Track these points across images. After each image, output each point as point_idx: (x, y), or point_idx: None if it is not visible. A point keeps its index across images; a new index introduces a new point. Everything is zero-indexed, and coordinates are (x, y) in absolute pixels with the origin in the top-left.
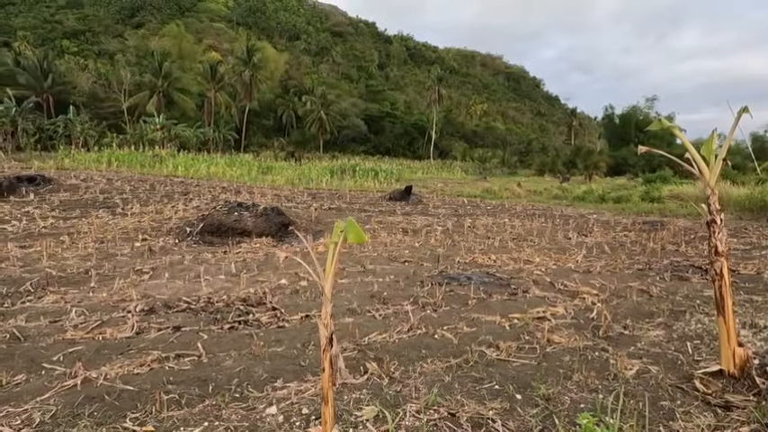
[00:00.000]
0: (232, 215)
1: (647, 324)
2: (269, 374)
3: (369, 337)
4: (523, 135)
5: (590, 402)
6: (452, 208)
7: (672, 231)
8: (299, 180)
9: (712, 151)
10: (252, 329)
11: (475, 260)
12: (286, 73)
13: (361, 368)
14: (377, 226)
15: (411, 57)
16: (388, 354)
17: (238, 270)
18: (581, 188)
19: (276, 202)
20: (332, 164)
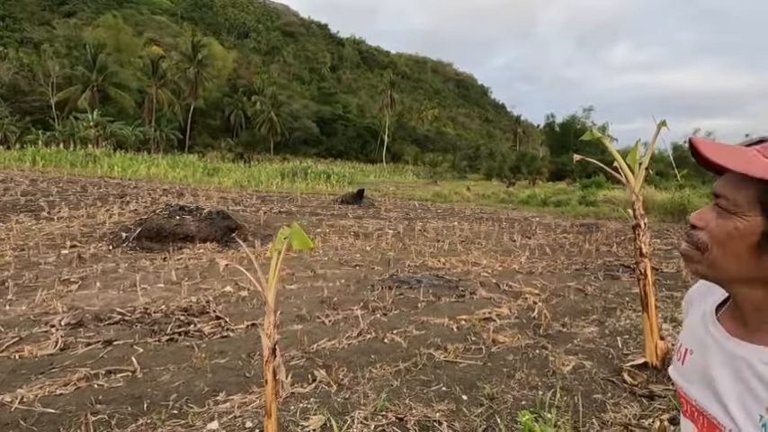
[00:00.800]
0: (173, 219)
1: (582, 321)
2: (211, 388)
3: (318, 344)
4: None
5: (530, 399)
6: (404, 211)
7: (605, 233)
8: (247, 182)
9: (636, 160)
10: (193, 341)
11: (425, 263)
12: (235, 71)
13: (309, 376)
14: (328, 230)
15: (364, 60)
16: (337, 360)
17: (179, 278)
18: (525, 192)
19: (222, 205)
20: (283, 166)
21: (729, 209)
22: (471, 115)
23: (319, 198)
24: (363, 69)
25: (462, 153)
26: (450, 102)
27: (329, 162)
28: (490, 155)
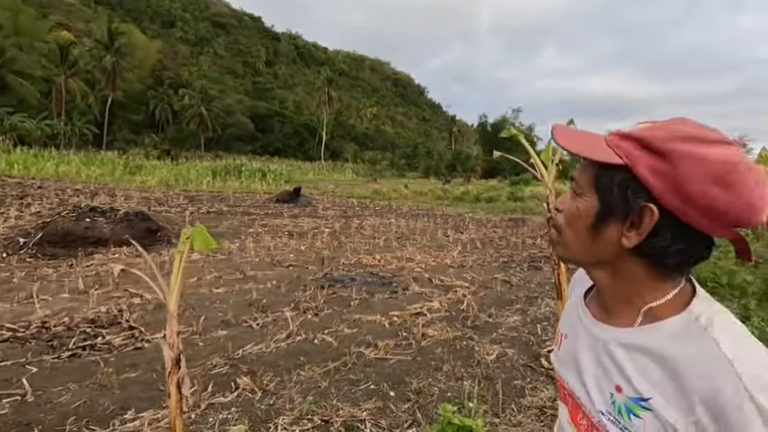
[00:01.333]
0: (83, 222)
1: (507, 311)
2: (118, 405)
3: (243, 350)
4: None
5: (456, 390)
6: (342, 209)
7: (530, 227)
8: (175, 181)
9: (549, 157)
10: (100, 355)
11: (360, 261)
12: (159, 62)
13: (231, 384)
14: (261, 229)
15: (300, 56)
16: (263, 365)
17: (87, 286)
18: (460, 189)
19: (144, 205)
20: (215, 164)
21: (576, 191)
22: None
23: (254, 197)
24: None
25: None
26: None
27: (265, 160)
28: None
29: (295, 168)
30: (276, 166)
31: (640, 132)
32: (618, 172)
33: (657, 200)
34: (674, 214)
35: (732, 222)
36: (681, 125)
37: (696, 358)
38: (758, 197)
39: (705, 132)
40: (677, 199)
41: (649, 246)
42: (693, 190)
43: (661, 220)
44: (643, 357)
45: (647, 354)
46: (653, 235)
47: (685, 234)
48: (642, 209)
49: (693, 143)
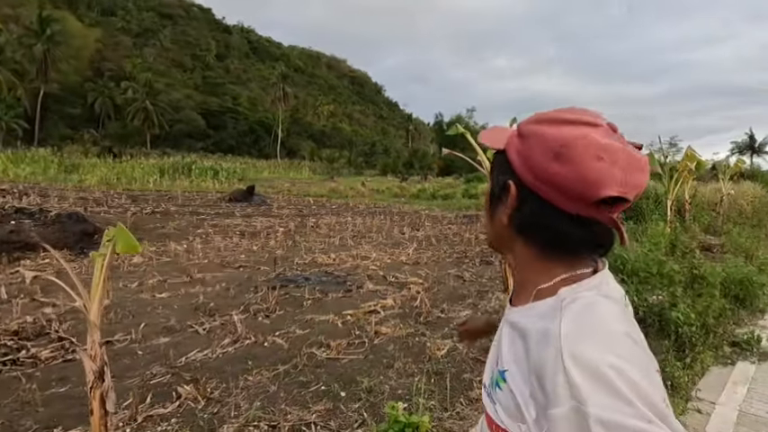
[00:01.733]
0: (6, 225)
1: (459, 306)
2: (42, 424)
3: (187, 357)
4: (368, 137)
5: (407, 387)
6: (298, 208)
7: (483, 223)
8: (117, 180)
9: None
10: (23, 370)
11: (315, 260)
12: (98, 53)
13: (173, 394)
14: (211, 230)
15: (254, 51)
16: (208, 372)
17: (11, 295)
18: (417, 187)
19: (81, 206)
20: (162, 162)
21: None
22: (366, 112)
23: (205, 196)
24: (254, 60)
25: (358, 149)
26: (346, 98)
27: (218, 157)
28: (385, 151)
29: (249, 166)
30: (229, 164)
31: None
32: (499, 156)
33: (518, 177)
34: (533, 191)
35: (578, 196)
36: (555, 111)
37: (540, 333)
38: (596, 171)
39: (560, 115)
40: (530, 175)
41: (516, 221)
42: (537, 165)
43: (523, 196)
44: (516, 335)
45: (519, 331)
46: (517, 210)
47: (546, 209)
48: (504, 184)
49: (545, 124)
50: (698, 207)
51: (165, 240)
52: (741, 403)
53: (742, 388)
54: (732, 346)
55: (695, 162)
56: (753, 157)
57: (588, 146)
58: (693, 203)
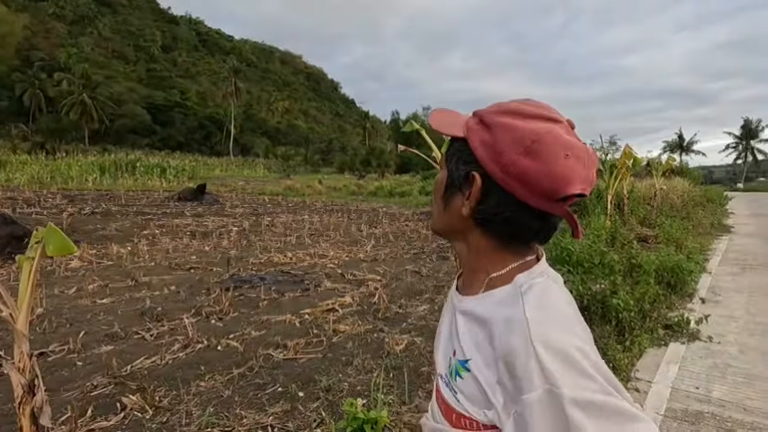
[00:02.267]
0: None
1: (417, 301)
2: None
3: (132, 365)
4: (325, 134)
5: (365, 383)
6: (252, 207)
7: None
8: (50, 179)
9: None
10: None
11: (271, 259)
12: (27, 41)
13: (117, 405)
14: (158, 231)
15: (203, 43)
16: (156, 380)
17: None
18: (374, 185)
19: (9, 207)
20: (102, 159)
21: (441, 165)
22: (323, 109)
23: (151, 195)
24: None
25: (315, 147)
26: (301, 94)
27: (165, 155)
28: (342, 149)
29: (200, 164)
30: (178, 161)
31: (482, 109)
32: (459, 144)
33: (484, 168)
34: (499, 183)
35: (545, 192)
36: (514, 102)
37: (505, 320)
38: (564, 168)
39: (528, 108)
40: (498, 168)
41: (479, 213)
42: (507, 159)
43: (488, 188)
44: (475, 323)
45: (477, 320)
46: (481, 202)
47: (510, 203)
48: (468, 175)
49: (512, 116)
50: (635, 201)
51: (106, 243)
52: (673, 381)
53: (674, 367)
54: (665, 328)
55: (632, 159)
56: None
57: (556, 142)
58: (631, 198)
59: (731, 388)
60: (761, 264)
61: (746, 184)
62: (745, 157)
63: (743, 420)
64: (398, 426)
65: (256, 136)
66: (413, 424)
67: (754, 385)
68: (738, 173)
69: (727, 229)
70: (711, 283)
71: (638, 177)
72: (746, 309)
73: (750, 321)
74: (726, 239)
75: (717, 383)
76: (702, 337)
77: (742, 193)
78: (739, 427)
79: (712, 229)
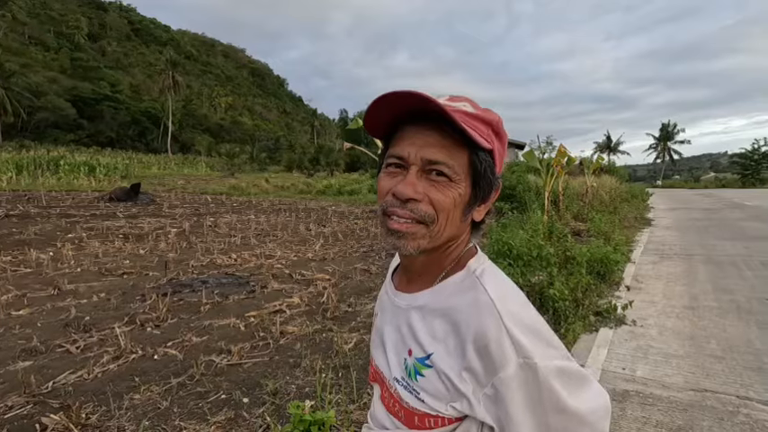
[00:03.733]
0: None
1: (366, 299)
2: None
3: (55, 381)
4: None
5: (314, 384)
6: (193, 207)
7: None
8: None
9: None
10: None
11: (213, 261)
12: None
13: (35, 426)
14: (86, 234)
15: (136, 33)
16: (83, 396)
17: None
18: (323, 183)
19: None
20: (19, 156)
21: (452, 177)
22: (269, 106)
23: (78, 196)
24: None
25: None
26: (246, 90)
27: (94, 151)
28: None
29: (135, 162)
30: (109, 159)
31: (484, 115)
32: (486, 156)
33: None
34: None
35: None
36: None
37: (469, 305)
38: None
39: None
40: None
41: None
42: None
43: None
44: (432, 316)
45: (435, 312)
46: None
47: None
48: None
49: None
50: (569, 198)
51: (23, 248)
52: (603, 363)
53: (603, 350)
54: (596, 315)
55: (566, 158)
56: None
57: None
58: (566, 195)
59: (652, 367)
60: (676, 253)
61: (664, 181)
62: (663, 157)
63: (661, 395)
64: (347, 425)
65: (197, 132)
66: (361, 422)
67: (670, 363)
68: (658, 171)
69: (648, 222)
70: (635, 272)
71: (571, 175)
72: (664, 294)
73: (667, 305)
74: (647, 232)
75: (640, 363)
76: (628, 322)
77: (661, 189)
78: (659, 401)
79: (636, 222)
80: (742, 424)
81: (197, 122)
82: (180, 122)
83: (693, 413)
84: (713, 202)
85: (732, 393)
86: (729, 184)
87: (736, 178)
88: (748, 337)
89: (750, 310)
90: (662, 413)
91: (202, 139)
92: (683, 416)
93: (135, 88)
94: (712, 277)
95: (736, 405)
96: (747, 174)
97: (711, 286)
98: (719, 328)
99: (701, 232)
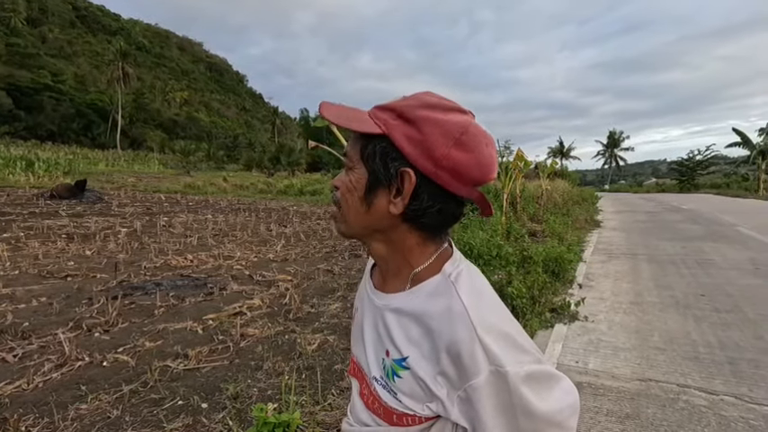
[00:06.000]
0: None
1: (329, 299)
2: None
3: None
4: (230, 129)
5: (276, 387)
6: (145, 206)
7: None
8: None
9: None
10: None
11: (168, 263)
12: None
13: None
14: (23, 233)
15: (81, 19)
16: (22, 407)
17: None
18: (284, 183)
19: None
20: None
21: (349, 165)
22: (227, 102)
23: (14, 192)
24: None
25: (219, 142)
26: (203, 85)
27: (32, 145)
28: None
29: (79, 157)
30: (50, 154)
31: (395, 103)
32: (379, 141)
33: (413, 165)
34: (429, 177)
35: (473, 181)
36: (426, 96)
37: (443, 311)
38: (488, 157)
39: (444, 102)
40: (430, 163)
41: (412, 209)
42: (439, 153)
43: (419, 184)
44: (407, 320)
45: (410, 315)
46: (414, 199)
47: (440, 195)
48: (402, 174)
49: (435, 110)
50: (526, 200)
51: None
52: (558, 357)
53: (558, 345)
54: (551, 311)
55: (523, 162)
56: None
57: (478, 133)
58: (523, 197)
59: (603, 360)
60: (622, 253)
61: (611, 186)
62: (610, 163)
63: (611, 386)
64: (312, 426)
65: (149, 128)
66: (327, 423)
67: (618, 355)
68: (605, 176)
69: (598, 224)
70: (586, 271)
71: (527, 179)
72: (612, 291)
73: (615, 302)
74: (596, 233)
75: (592, 357)
76: (580, 318)
77: (608, 193)
78: (609, 392)
79: (586, 223)
80: (682, 410)
81: (149, 117)
82: (130, 117)
83: (640, 401)
84: (654, 206)
85: (673, 382)
86: (668, 188)
87: (674, 183)
88: (686, 330)
89: (687, 305)
90: (612, 402)
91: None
92: (631, 404)
93: (80, 79)
94: (654, 275)
95: (676, 392)
96: (684, 179)
97: (654, 283)
98: (661, 322)
99: (645, 233)
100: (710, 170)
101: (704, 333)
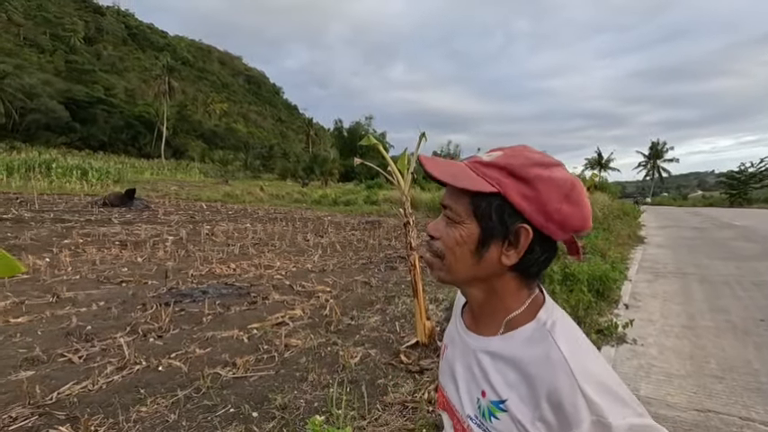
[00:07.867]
0: None
1: (368, 312)
2: None
3: (59, 392)
4: (266, 139)
5: (322, 399)
6: (188, 214)
7: (386, 229)
8: None
9: (405, 165)
10: None
11: (212, 271)
12: None
13: None
14: (81, 240)
15: (132, 37)
16: (89, 407)
17: None
18: (318, 192)
19: None
20: (11, 158)
21: (455, 218)
22: (264, 113)
23: (71, 200)
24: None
25: (255, 152)
26: (241, 97)
27: (86, 155)
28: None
29: (127, 166)
30: (101, 163)
31: (502, 161)
32: (493, 199)
33: (528, 220)
34: (540, 230)
35: (575, 230)
36: (529, 152)
37: (541, 359)
38: (587, 207)
39: (546, 158)
40: (542, 217)
41: (524, 261)
42: (552, 209)
43: (534, 238)
44: (503, 363)
45: (506, 360)
46: (528, 251)
47: (547, 244)
48: (518, 230)
49: (541, 168)
50: None
51: (19, 253)
52: None
53: None
54: (597, 333)
55: None
56: (601, 171)
57: (582, 187)
58: None
59: (655, 386)
60: (670, 272)
61: (653, 199)
62: (652, 175)
63: (666, 415)
64: None
65: (191, 138)
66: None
67: (672, 383)
68: (647, 188)
69: (641, 240)
70: (632, 290)
71: None
72: (661, 313)
73: (665, 324)
74: (641, 249)
75: (643, 382)
76: (628, 340)
77: (650, 206)
78: (663, 421)
79: (629, 239)
80: None
81: (191, 128)
82: (174, 128)
83: None
84: (702, 221)
85: (735, 414)
86: (716, 202)
87: (723, 197)
88: (746, 358)
89: (747, 331)
90: None
91: (196, 145)
92: None
93: (130, 92)
94: (707, 296)
95: (739, 426)
96: (735, 193)
97: (707, 306)
98: (718, 348)
99: (693, 251)
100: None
101: (767, 362)
